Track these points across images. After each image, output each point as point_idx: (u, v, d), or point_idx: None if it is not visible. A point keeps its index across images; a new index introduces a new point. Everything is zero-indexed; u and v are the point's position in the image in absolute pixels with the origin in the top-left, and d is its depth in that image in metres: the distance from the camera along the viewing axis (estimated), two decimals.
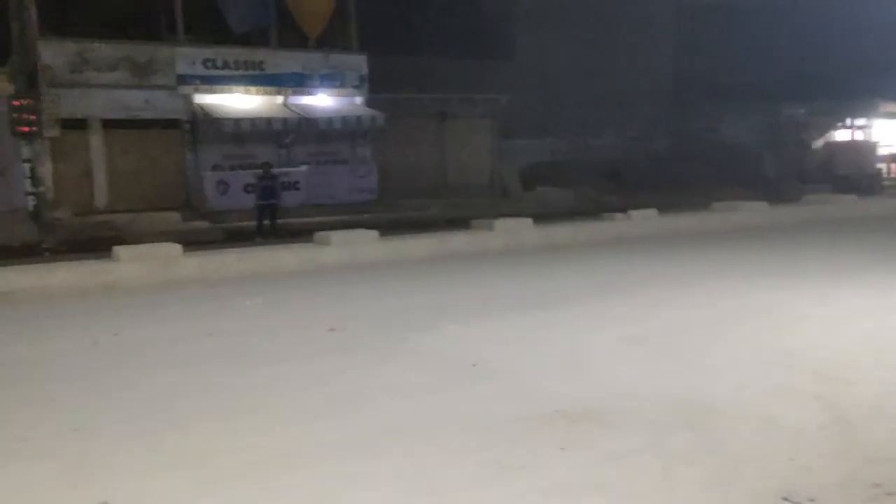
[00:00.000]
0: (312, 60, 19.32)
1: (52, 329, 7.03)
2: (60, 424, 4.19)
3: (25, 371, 5.48)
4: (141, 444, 3.87)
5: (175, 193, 18.11)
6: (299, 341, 6.24)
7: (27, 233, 15.38)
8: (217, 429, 4.10)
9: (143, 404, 4.56)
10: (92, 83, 16.94)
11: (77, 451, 3.81)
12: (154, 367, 5.47)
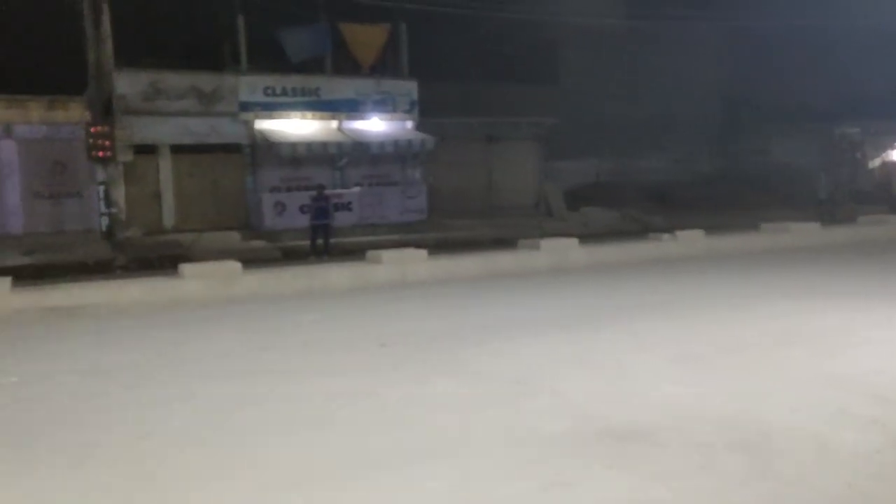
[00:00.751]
0: (365, 87, 20.14)
1: (123, 341, 7.48)
2: (129, 431, 4.46)
3: (99, 380, 5.85)
4: (202, 452, 4.08)
5: (236, 214, 19.04)
6: (352, 356, 6.43)
7: (101, 251, 16.39)
8: (272, 439, 4.28)
9: (205, 414, 4.81)
10: (162, 111, 18.02)
11: (144, 457, 4.03)
12: (214, 379, 5.74)
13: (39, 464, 3.98)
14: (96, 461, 4.01)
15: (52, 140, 18.36)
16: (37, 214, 18.31)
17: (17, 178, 18.14)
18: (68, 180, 18.67)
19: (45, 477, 3.80)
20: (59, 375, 5.99)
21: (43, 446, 4.24)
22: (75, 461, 4.01)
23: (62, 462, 3.99)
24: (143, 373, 6.03)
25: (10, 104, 17.91)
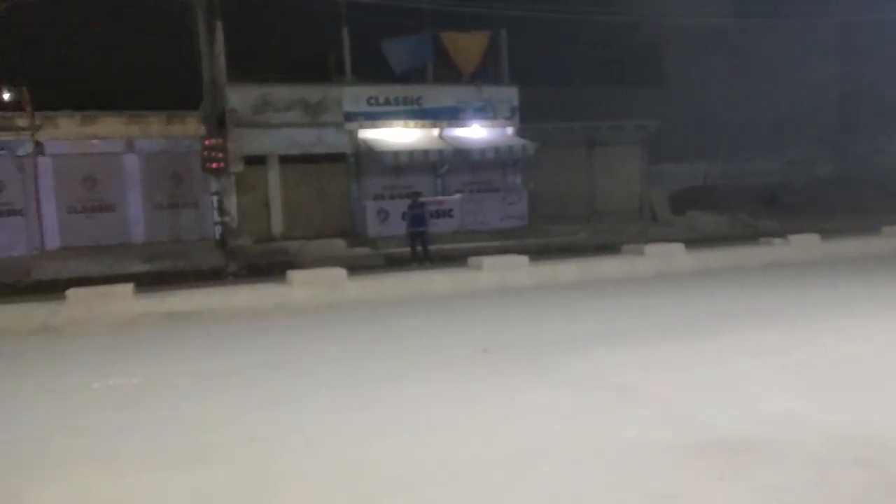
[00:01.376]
0: (466, 94, 20.20)
1: (236, 345, 7.74)
2: (239, 433, 4.58)
3: (213, 383, 6.06)
4: (309, 454, 4.16)
5: (341, 221, 19.52)
6: (454, 362, 6.42)
7: (215, 258, 17.16)
8: (375, 444, 4.30)
9: (311, 417, 4.90)
10: (271, 123, 18.74)
11: (250, 459, 4.12)
12: (320, 384, 5.83)
13: (159, 461, 4.11)
14: (211, 461, 4.13)
15: (171, 153, 19.45)
16: (156, 224, 19.43)
17: (139, 189, 19.31)
18: (185, 191, 19.70)
19: (163, 474, 3.91)
20: (177, 378, 6.23)
21: (162, 445, 4.38)
22: (191, 460, 4.14)
23: (179, 461, 4.10)
24: (253, 376, 6.20)
25: (132, 120, 19.11)
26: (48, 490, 3.74)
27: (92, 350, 7.78)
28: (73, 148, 18.53)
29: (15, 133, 17.72)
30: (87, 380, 6.14)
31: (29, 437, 4.66)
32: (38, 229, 18.00)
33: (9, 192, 18.08)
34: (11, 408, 5.42)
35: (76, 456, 4.22)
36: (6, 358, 7.59)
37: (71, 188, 18.59)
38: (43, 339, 8.55)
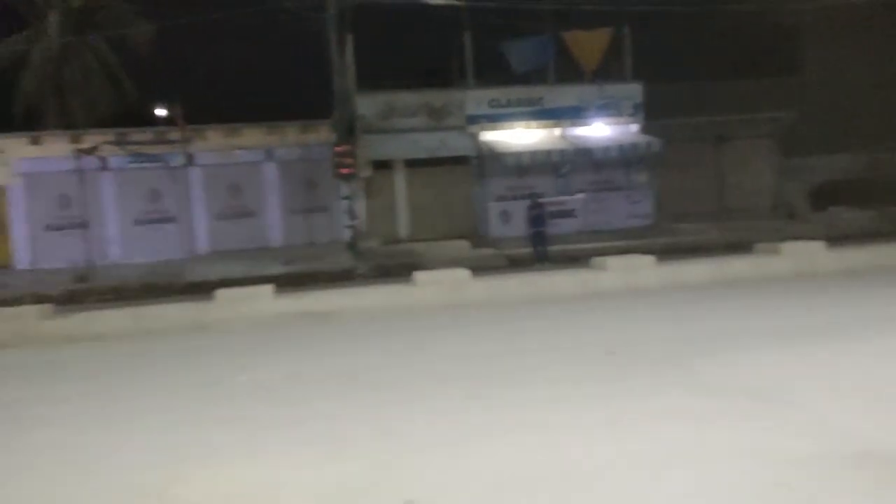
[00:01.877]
0: (588, 93, 19.94)
1: (368, 344, 8.08)
2: (374, 427, 4.77)
3: (347, 379, 6.35)
4: (437, 450, 4.28)
5: (465, 223, 19.83)
6: (578, 363, 6.39)
7: (345, 260, 17.93)
8: (504, 442, 4.36)
9: (440, 414, 5.03)
10: (397, 128, 19.35)
11: (386, 452, 4.29)
12: (447, 382, 5.98)
13: (303, 453, 4.39)
14: (346, 454, 4.34)
15: (305, 160, 20.50)
16: (292, 228, 20.54)
17: (276, 196, 20.51)
18: (318, 196, 20.71)
19: (307, 466, 4.18)
20: (315, 373, 6.61)
21: (305, 438, 4.69)
22: (331, 453, 4.37)
23: (320, 454, 4.37)
24: (385, 373, 6.46)
25: (271, 131, 20.33)
26: (206, 475, 4.11)
27: (238, 346, 8.41)
28: (219, 158, 19.97)
29: (169, 146, 19.35)
30: (235, 374, 6.64)
31: (187, 426, 5.12)
32: (189, 234, 19.56)
33: (164, 201, 19.77)
34: (170, 399, 5.97)
35: (230, 445, 4.60)
36: (164, 353, 8.36)
37: (217, 196, 20.05)
38: (195, 335, 9.32)
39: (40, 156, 18.98)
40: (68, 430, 5.19)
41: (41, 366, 8.07)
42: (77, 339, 9.36)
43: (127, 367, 7.63)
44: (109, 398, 6.13)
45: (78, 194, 18.66)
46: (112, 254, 19.25)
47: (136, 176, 19.53)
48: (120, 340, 9.23)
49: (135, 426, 5.19)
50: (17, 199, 18.98)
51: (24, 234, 18.98)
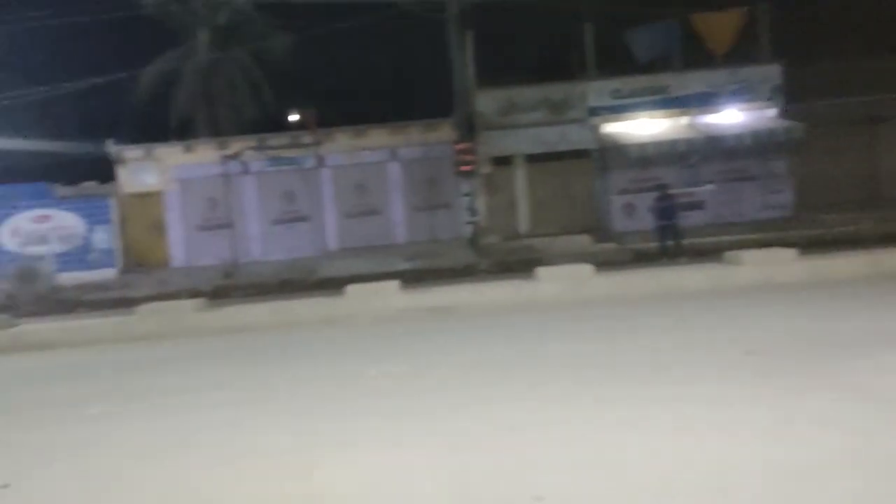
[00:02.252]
0: (719, 78, 19.00)
1: (491, 338, 8.10)
2: (499, 422, 4.77)
3: (471, 373, 6.43)
4: (568, 448, 4.22)
5: (586, 217, 19.51)
6: (714, 362, 6.10)
7: (467, 256, 18.17)
8: (632, 441, 4.24)
9: (568, 411, 4.97)
10: (517, 124, 19.32)
11: (513, 447, 4.29)
12: (566, 378, 5.91)
13: (431, 444, 4.53)
14: (474, 446, 4.41)
15: (427, 159, 20.95)
16: (415, 225, 21.06)
17: (400, 194, 21.10)
18: (439, 194, 21.09)
19: (435, 456, 4.31)
20: (440, 367, 6.78)
21: (432, 429, 4.83)
22: (457, 446, 4.46)
23: (447, 444, 4.49)
24: (508, 368, 6.50)
25: (395, 131, 20.94)
26: (345, 461, 4.34)
27: (367, 340, 8.76)
28: (347, 159, 20.82)
29: (302, 149, 20.40)
30: (365, 366, 6.94)
31: (324, 414, 5.42)
32: (321, 232, 20.54)
33: (298, 201, 20.87)
34: (308, 388, 6.34)
35: (364, 435, 4.82)
36: (300, 345, 8.87)
37: (346, 195, 20.91)
38: (327, 328, 9.80)
39: (192, 162, 20.59)
40: (222, 414, 5.64)
41: (197, 355, 8.80)
42: (226, 330, 10.13)
43: (268, 358, 8.16)
44: (256, 385, 6.59)
45: (224, 197, 20.07)
46: (253, 251, 20.57)
47: (273, 178, 20.76)
48: (261, 332, 9.88)
49: (279, 412, 5.56)
50: (173, 203, 20.70)
51: (179, 234, 20.68)
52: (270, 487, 3.96)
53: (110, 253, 20.27)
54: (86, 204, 20.29)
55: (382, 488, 3.86)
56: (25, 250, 20.05)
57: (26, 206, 20.11)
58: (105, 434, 5.33)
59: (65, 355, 9.57)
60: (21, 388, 7.70)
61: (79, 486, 4.20)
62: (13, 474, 4.40)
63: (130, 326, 10.41)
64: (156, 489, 4.09)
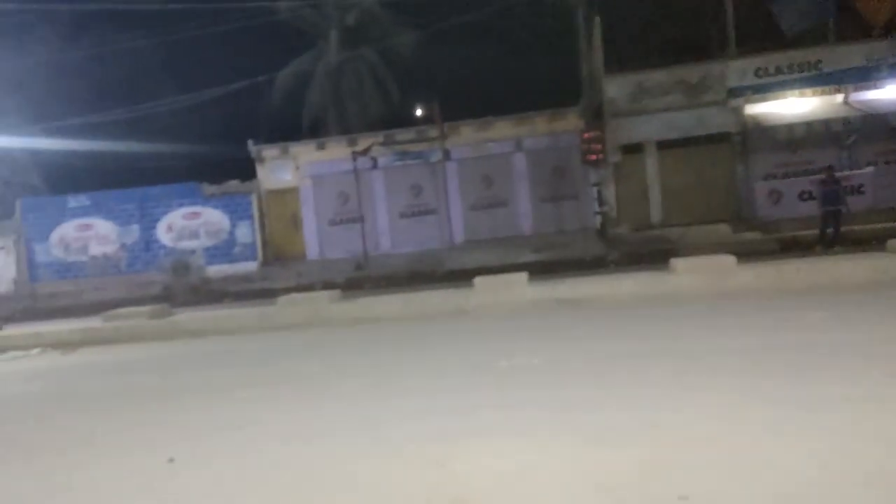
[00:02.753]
0: (878, 50, 17.33)
1: (623, 331, 7.85)
2: (638, 417, 4.54)
3: (605, 367, 6.18)
4: (713, 447, 3.97)
5: (724, 206, 18.45)
6: (882, 361, 5.54)
7: (596, 247, 17.72)
8: (786, 443, 3.96)
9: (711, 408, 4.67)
10: (648, 109, 18.58)
11: (654, 443, 4.07)
12: (716, 374, 5.56)
13: (569, 437, 4.37)
14: (613, 442, 4.21)
15: (553, 149, 20.63)
16: (542, 216, 20.80)
17: (526, 185, 20.90)
18: (566, 184, 20.71)
19: (570, 448, 4.15)
20: (572, 360, 6.59)
21: (569, 422, 4.66)
22: (596, 439, 4.28)
23: (584, 439, 4.31)
24: (644, 362, 6.22)
25: (520, 122, 20.74)
26: (479, 451, 4.28)
27: (496, 332, 8.70)
28: (473, 152, 20.88)
29: (428, 143, 20.68)
30: (496, 359, 6.86)
31: (457, 406, 5.39)
32: (447, 225, 20.74)
33: (425, 195, 21.18)
34: (440, 380, 6.34)
35: (498, 425, 4.74)
36: (430, 336, 8.93)
37: (471, 188, 20.98)
38: (457, 320, 9.83)
39: (324, 159, 21.43)
40: (357, 401, 5.76)
41: (333, 344, 9.10)
42: (359, 321, 10.43)
43: (401, 349, 8.29)
44: (389, 375, 6.69)
45: (354, 192, 20.74)
46: (383, 244, 21.12)
47: (401, 172, 21.19)
48: (393, 323, 10.08)
49: (412, 402, 5.60)
50: (307, 199, 21.64)
51: (313, 228, 21.59)
52: (412, 475, 3.96)
53: (252, 247, 21.49)
54: (230, 201, 21.63)
55: (523, 481, 3.76)
56: (178, 245, 21.68)
57: (178, 204, 21.71)
58: (253, 416, 5.58)
59: (214, 342, 10.20)
60: (178, 372, 8.26)
61: (235, 464, 4.40)
62: (176, 451, 4.68)
63: (272, 316, 10.95)
64: (307, 470, 4.20)
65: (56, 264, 22.16)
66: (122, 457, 4.80)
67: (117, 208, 21.97)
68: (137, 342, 10.87)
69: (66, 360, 10.03)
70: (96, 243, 22.08)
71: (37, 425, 6.13)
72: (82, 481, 4.34)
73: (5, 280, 22.22)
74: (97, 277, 21.77)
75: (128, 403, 6.65)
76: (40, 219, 22.13)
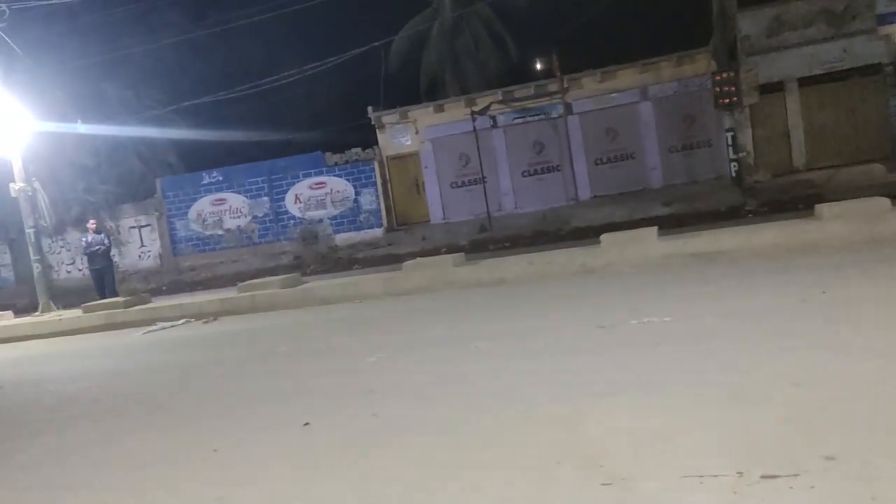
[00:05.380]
0: None
1: (764, 285, 7.41)
2: (776, 376, 4.31)
3: (743, 324, 5.86)
4: (862, 405, 3.71)
5: (876, 144, 16.87)
6: None
7: (731, 197, 16.75)
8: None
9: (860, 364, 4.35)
10: (787, 44, 17.20)
11: (797, 403, 3.86)
12: (867, 329, 5.16)
13: (700, 396, 4.18)
14: (752, 400, 4.01)
15: (681, 95, 19.59)
16: (671, 167, 19.90)
17: (654, 136, 20.02)
18: (697, 131, 19.66)
19: (703, 408, 3.96)
20: (706, 317, 6.29)
21: (702, 380, 4.45)
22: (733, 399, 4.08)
23: (718, 398, 4.11)
24: (786, 320, 5.82)
25: (644, 69, 19.81)
26: (609, 412, 4.20)
27: (625, 290, 8.45)
28: (595, 104, 20.22)
29: (548, 98, 20.23)
30: (625, 318, 6.67)
31: (587, 365, 5.31)
32: (571, 182, 20.33)
33: (547, 152, 20.83)
34: (571, 340, 6.25)
35: (628, 385, 4.62)
36: (557, 296, 8.82)
37: (595, 142, 20.39)
38: (584, 279, 9.65)
39: (442, 122, 21.53)
40: (485, 364, 5.80)
41: (459, 307, 9.21)
42: (484, 283, 10.48)
43: (527, 310, 8.26)
44: (515, 337, 6.68)
45: (474, 152, 20.72)
46: (505, 205, 21.05)
47: (521, 130, 20.92)
48: (519, 284, 10.05)
49: (544, 363, 5.57)
50: (428, 162, 21.89)
51: (435, 192, 21.86)
52: (541, 435, 3.95)
53: (377, 213, 22.10)
54: (353, 169, 22.28)
55: (658, 442, 3.64)
56: (306, 215, 22.68)
57: (304, 174, 22.65)
58: (385, 380, 5.76)
59: (343, 309, 10.62)
60: (311, 339, 8.68)
61: (369, 425, 4.58)
62: (312, 415, 4.92)
63: (398, 281, 11.23)
64: (436, 431, 4.30)
65: (194, 238, 23.82)
66: (260, 421, 5.10)
67: (247, 182, 23.21)
68: (271, 311, 11.49)
69: (206, 329, 10.80)
70: (230, 216, 23.50)
71: (183, 393, 6.65)
72: (228, 445, 4.65)
73: (152, 255, 24.20)
74: (232, 249, 23.23)
75: (265, 370, 7.07)
76: (179, 196, 23.81)
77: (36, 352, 11.47)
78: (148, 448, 4.85)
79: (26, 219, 16.29)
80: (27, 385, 8.24)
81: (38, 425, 6.07)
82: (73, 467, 4.72)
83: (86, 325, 12.92)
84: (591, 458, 3.56)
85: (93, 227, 16.38)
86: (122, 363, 8.94)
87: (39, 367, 9.74)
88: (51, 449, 5.24)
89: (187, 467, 4.34)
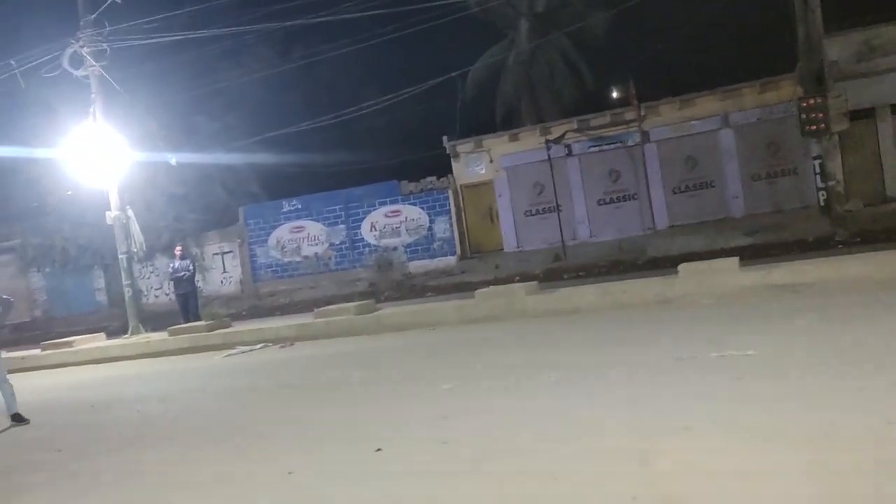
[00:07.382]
0: None
1: (849, 319, 7.07)
2: (870, 415, 4.11)
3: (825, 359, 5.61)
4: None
5: None
6: None
7: (819, 226, 16.00)
8: None
9: None
10: (878, 70, 16.44)
11: (888, 444, 3.70)
12: None
13: (785, 433, 3.98)
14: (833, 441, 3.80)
15: (765, 121, 18.96)
16: (755, 196, 19.21)
17: (735, 163, 19.42)
18: (782, 159, 18.95)
19: (791, 447, 3.77)
20: (793, 351, 6.00)
21: (785, 415, 4.25)
22: (812, 438, 3.86)
23: (807, 436, 3.90)
24: (877, 355, 5.50)
25: (726, 96, 19.31)
26: (682, 447, 4.05)
27: (704, 321, 8.18)
28: (674, 132, 19.81)
29: (625, 126, 19.96)
30: (704, 350, 6.44)
31: (663, 397, 5.14)
32: (648, 210, 19.89)
33: (623, 180, 20.49)
34: (643, 374, 6.09)
35: (705, 420, 4.45)
36: (632, 327, 8.62)
37: (673, 170, 19.93)
38: (660, 309, 9.39)
39: (517, 150, 21.53)
40: (557, 394, 5.72)
41: (530, 336, 9.12)
42: (557, 312, 10.34)
43: (599, 340, 8.10)
44: (589, 367, 6.54)
45: (549, 181, 20.61)
46: (580, 233, 20.78)
47: (597, 158, 20.69)
48: (592, 315, 9.87)
49: (612, 394, 5.43)
50: (503, 191, 21.90)
51: (509, 220, 21.80)
52: (614, 469, 3.86)
53: (451, 241, 22.20)
54: (428, 197, 22.50)
55: (739, 483, 3.49)
56: (381, 242, 23.00)
57: (380, 203, 23.02)
58: (459, 407, 5.74)
59: (416, 336, 10.66)
60: (384, 365, 8.75)
61: (437, 450, 4.57)
62: (384, 441, 4.95)
63: (471, 309, 11.21)
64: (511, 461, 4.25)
65: (274, 265, 24.50)
66: (336, 445, 5.17)
67: (325, 210, 23.77)
68: (346, 336, 11.66)
69: (283, 354, 11.05)
70: (308, 243, 24.07)
71: (261, 416, 6.81)
72: (303, 466, 4.73)
73: (233, 281, 25.01)
74: (309, 276, 23.75)
75: (339, 396, 7.16)
76: (260, 223, 24.60)
77: (125, 372, 12.01)
78: (226, 469, 4.98)
79: (119, 245, 17.16)
80: (115, 404, 8.62)
81: (123, 443, 6.34)
82: (153, 486, 4.90)
83: (171, 348, 13.46)
84: (669, 497, 3.43)
85: (179, 253, 17.12)
86: (204, 385, 9.26)
87: (127, 387, 10.19)
88: (133, 468, 5.46)
89: (265, 488, 4.44)
